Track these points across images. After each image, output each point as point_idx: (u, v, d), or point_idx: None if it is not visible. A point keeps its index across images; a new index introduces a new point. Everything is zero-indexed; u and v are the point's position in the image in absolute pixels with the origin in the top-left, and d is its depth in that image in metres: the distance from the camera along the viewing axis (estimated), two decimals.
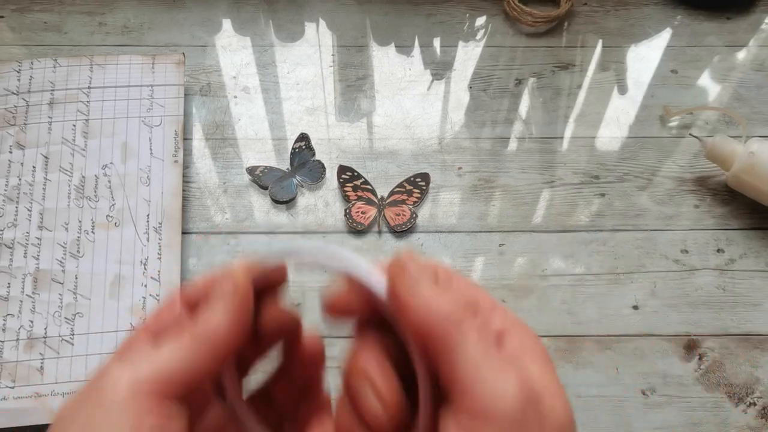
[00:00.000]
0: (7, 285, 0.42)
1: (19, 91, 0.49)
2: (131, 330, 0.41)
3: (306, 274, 0.45)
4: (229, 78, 0.55)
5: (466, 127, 0.53)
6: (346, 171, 0.49)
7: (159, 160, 0.47)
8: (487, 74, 0.56)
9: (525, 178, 0.50)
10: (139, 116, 0.49)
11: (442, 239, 0.47)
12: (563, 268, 0.46)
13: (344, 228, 0.47)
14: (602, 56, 0.57)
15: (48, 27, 0.57)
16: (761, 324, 0.44)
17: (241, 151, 0.51)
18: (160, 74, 0.51)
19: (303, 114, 0.53)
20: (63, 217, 0.45)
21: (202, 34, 0.57)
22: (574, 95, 0.55)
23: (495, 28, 0.59)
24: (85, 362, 0.40)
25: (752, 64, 0.57)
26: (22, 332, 0.41)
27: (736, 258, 0.47)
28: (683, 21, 0.59)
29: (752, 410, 0.41)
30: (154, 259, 0.44)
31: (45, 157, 0.47)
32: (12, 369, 0.40)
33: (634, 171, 0.51)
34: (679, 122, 0.53)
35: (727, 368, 0.42)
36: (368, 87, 0.55)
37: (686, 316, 0.44)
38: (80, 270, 0.43)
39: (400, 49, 0.57)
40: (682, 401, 0.41)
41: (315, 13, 0.59)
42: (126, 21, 0.58)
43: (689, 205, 0.49)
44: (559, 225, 0.48)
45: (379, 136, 0.52)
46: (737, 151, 0.46)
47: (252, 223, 0.47)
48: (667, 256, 0.47)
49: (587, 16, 0.60)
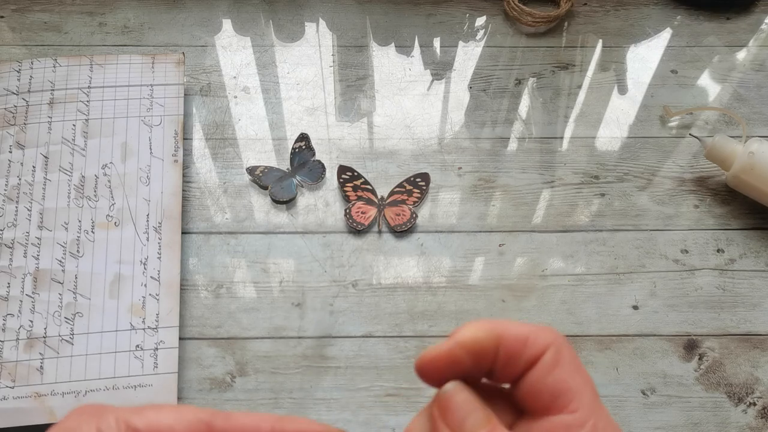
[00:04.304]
0: (7, 285, 0.42)
1: (19, 91, 0.49)
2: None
3: (306, 274, 0.45)
4: (229, 78, 0.55)
5: (466, 127, 0.53)
6: (346, 171, 0.49)
7: (159, 160, 0.47)
8: (487, 74, 0.56)
9: (525, 178, 0.50)
10: (139, 116, 0.49)
11: (442, 239, 0.47)
12: (563, 268, 0.46)
13: (344, 228, 0.47)
14: (602, 56, 0.57)
15: (48, 27, 0.57)
16: (761, 324, 0.44)
17: (241, 151, 0.51)
18: (160, 74, 0.51)
19: (303, 114, 0.53)
20: (63, 216, 0.45)
21: (202, 34, 0.57)
22: (574, 95, 0.55)
23: (495, 28, 0.59)
24: (84, 362, 0.40)
25: (752, 64, 0.57)
26: (21, 332, 0.41)
27: (736, 258, 0.47)
28: (683, 21, 0.59)
29: (752, 410, 0.41)
30: (154, 258, 0.44)
31: (45, 157, 0.47)
32: (12, 369, 0.40)
33: (634, 171, 0.51)
34: (679, 122, 0.53)
35: (727, 368, 0.42)
36: (368, 87, 0.55)
37: (686, 316, 0.44)
38: (80, 270, 0.43)
39: (400, 49, 0.57)
40: (682, 401, 0.41)
41: (315, 13, 0.59)
42: (126, 21, 0.58)
43: (689, 205, 0.49)
44: (559, 225, 0.48)
45: (379, 136, 0.52)
46: (737, 151, 0.46)
47: (252, 223, 0.47)
48: (667, 256, 0.47)
49: (587, 16, 0.60)
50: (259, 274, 0.45)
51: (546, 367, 0.18)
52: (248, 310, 0.44)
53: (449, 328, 0.43)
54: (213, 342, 0.43)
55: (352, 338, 0.43)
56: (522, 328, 0.19)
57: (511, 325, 0.19)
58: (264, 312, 0.44)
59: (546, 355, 0.18)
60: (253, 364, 0.42)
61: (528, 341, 0.18)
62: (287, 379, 0.42)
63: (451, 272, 0.46)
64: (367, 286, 0.45)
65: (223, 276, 0.45)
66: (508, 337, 0.19)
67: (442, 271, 0.46)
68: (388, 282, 0.45)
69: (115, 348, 0.41)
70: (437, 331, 0.43)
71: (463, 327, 0.19)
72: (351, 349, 0.43)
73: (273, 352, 0.42)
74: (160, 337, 0.41)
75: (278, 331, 0.43)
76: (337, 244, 0.47)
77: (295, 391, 0.41)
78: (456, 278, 0.45)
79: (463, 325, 0.19)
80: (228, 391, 0.41)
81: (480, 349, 0.19)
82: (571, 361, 0.19)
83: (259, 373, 0.42)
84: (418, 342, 0.43)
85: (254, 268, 0.46)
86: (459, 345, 0.19)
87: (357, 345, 0.43)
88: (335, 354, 0.43)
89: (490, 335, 0.19)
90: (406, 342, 0.43)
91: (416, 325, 0.44)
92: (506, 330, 0.19)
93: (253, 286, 0.45)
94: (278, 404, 0.41)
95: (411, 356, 0.43)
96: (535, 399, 0.18)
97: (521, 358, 0.18)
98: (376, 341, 0.43)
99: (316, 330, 0.43)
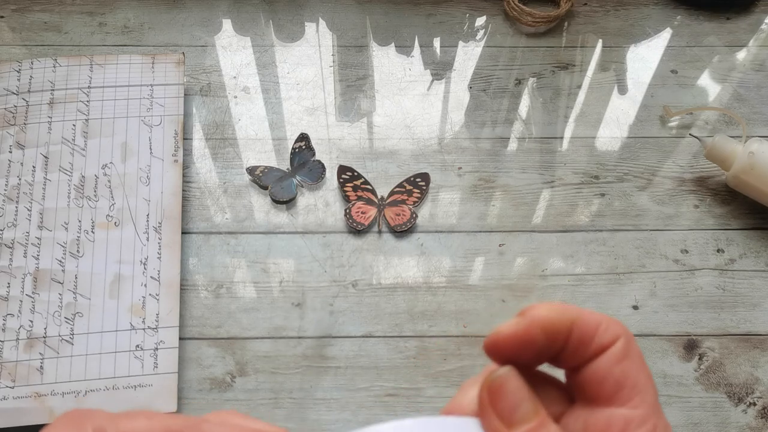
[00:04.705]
0: (7, 285, 0.42)
1: (19, 91, 0.49)
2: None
3: (306, 274, 0.45)
4: (229, 78, 0.55)
5: (466, 127, 0.53)
6: (346, 171, 0.49)
7: (159, 160, 0.47)
8: (487, 74, 0.56)
9: (525, 178, 0.50)
10: (138, 116, 0.49)
11: (442, 239, 0.47)
12: (563, 268, 0.46)
13: (344, 228, 0.47)
14: (602, 56, 0.57)
15: (48, 27, 0.57)
16: (761, 324, 0.44)
17: (241, 151, 0.51)
18: (160, 74, 0.51)
19: (303, 114, 0.53)
20: (63, 216, 0.45)
21: (202, 34, 0.57)
22: (574, 95, 0.55)
23: (495, 28, 0.59)
24: (84, 362, 0.40)
25: (752, 64, 0.57)
26: (21, 332, 0.41)
27: (736, 258, 0.47)
28: (683, 21, 0.59)
29: (752, 410, 0.41)
30: (154, 258, 0.44)
31: (45, 157, 0.47)
32: (12, 369, 0.40)
33: (634, 171, 0.51)
34: (679, 122, 0.53)
35: (727, 368, 0.42)
36: (368, 87, 0.55)
37: (686, 316, 0.44)
38: (80, 270, 0.43)
39: (400, 49, 0.57)
40: (682, 401, 0.41)
41: (315, 13, 0.59)
42: (126, 21, 0.58)
43: (689, 205, 0.49)
44: (559, 225, 0.48)
45: (379, 136, 0.52)
46: (737, 151, 0.46)
47: (252, 223, 0.47)
48: (667, 256, 0.47)
49: (587, 16, 0.60)
50: (259, 274, 0.45)
51: (615, 357, 0.18)
52: (248, 310, 0.44)
53: (449, 328, 0.43)
54: (213, 342, 0.43)
55: (352, 338, 0.43)
56: (594, 315, 0.18)
57: (584, 311, 0.19)
58: (264, 312, 0.44)
59: (617, 344, 0.18)
60: (253, 364, 0.42)
61: (600, 328, 0.18)
62: (287, 379, 0.42)
63: (451, 272, 0.46)
64: (367, 286, 0.45)
65: (223, 276, 0.45)
66: (582, 321, 0.18)
67: (442, 271, 0.46)
68: (388, 282, 0.45)
69: (115, 348, 0.41)
70: (437, 331, 0.43)
71: (536, 307, 0.18)
72: (351, 349, 0.43)
73: (273, 352, 0.43)
74: (160, 337, 0.41)
75: (278, 331, 0.43)
76: (337, 244, 0.47)
77: (295, 391, 0.41)
78: (456, 278, 0.45)
79: (533, 305, 0.19)
80: (228, 391, 0.41)
81: (555, 329, 0.18)
82: (639, 356, 0.18)
83: (259, 373, 0.42)
84: (418, 342, 0.43)
85: (254, 268, 0.46)
86: (535, 324, 0.18)
87: (357, 345, 0.43)
88: (335, 354, 0.43)
89: (566, 317, 0.18)
90: (406, 342, 0.43)
91: (416, 325, 0.44)
92: (580, 314, 0.18)
93: (253, 286, 0.45)
94: (278, 404, 0.41)
95: (411, 356, 0.43)
96: (598, 388, 0.18)
97: (592, 344, 0.18)
98: (376, 341, 0.43)
99: (316, 330, 0.43)
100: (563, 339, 0.18)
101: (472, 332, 0.43)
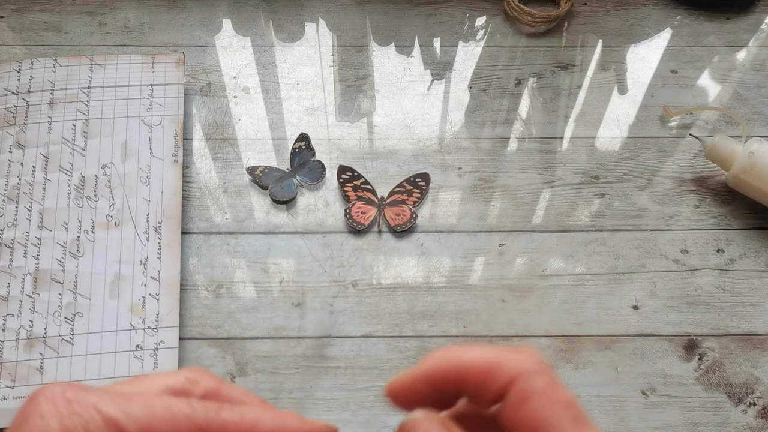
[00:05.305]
0: (7, 285, 0.42)
1: (19, 91, 0.49)
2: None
3: (306, 274, 0.45)
4: (229, 78, 0.55)
5: (466, 127, 0.53)
6: (346, 171, 0.49)
7: (159, 160, 0.47)
8: (487, 74, 0.56)
9: (525, 178, 0.50)
10: (138, 116, 0.49)
11: (442, 239, 0.47)
12: (563, 268, 0.46)
13: (344, 228, 0.47)
14: (602, 56, 0.57)
15: (48, 27, 0.57)
16: (761, 324, 0.44)
17: (241, 151, 0.51)
18: (160, 73, 0.51)
19: (303, 114, 0.53)
20: (63, 216, 0.45)
21: (202, 34, 0.57)
22: (574, 95, 0.55)
23: (495, 28, 0.59)
24: (84, 362, 0.40)
25: (752, 64, 0.57)
26: (21, 332, 0.41)
27: (736, 258, 0.47)
28: (683, 21, 0.59)
29: (752, 410, 0.41)
30: (154, 258, 0.44)
31: (45, 157, 0.47)
32: (12, 369, 0.40)
33: (634, 171, 0.51)
34: (679, 122, 0.53)
35: (727, 368, 0.42)
36: (368, 87, 0.55)
37: (686, 316, 0.44)
38: (80, 270, 0.43)
39: (400, 49, 0.57)
40: (682, 401, 0.41)
41: (315, 13, 0.59)
42: (126, 21, 0.58)
43: (689, 205, 0.49)
44: (559, 225, 0.48)
45: (379, 136, 0.52)
46: (737, 151, 0.46)
47: (252, 223, 0.47)
48: (667, 256, 0.47)
49: (587, 16, 0.60)
50: (259, 274, 0.45)
51: (515, 402, 0.17)
52: (248, 310, 0.44)
53: (449, 328, 0.43)
54: (213, 342, 0.43)
55: (352, 338, 0.43)
56: (488, 357, 0.18)
57: (477, 355, 0.18)
58: (264, 312, 0.44)
59: (514, 388, 0.17)
60: (253, 364, 0.42)
61: (493, 373, 0.18)
62: (287, 379, 0.42)
63: (451, 272, 0.46)
64: (367, 286, 0.45)
65: (223, 276, 0.45)
66: (471, 369, 0.18)
67: (442, 271, 0.46)
68: (388, 282, 0.45)
69: (115, 348, 0.41)
70: (437, 331, 0.43)
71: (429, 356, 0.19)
72: (351, 349, 0.43)
73: (273, 352, 0.43)
74: (160, 337, 0.41)
75: (278, 331, 0.43)
76: (337, 244, 0.47)
77: (295, 391, 0.41)
78: (456, 278, 0.45)
79: (430, 353, 0.19)
80: None
81: (441, 381, 0.18)
82: (544, 391, 0.17)
83: (259, 373, 0.42)
84: (418, 342, 0.43)
85: (254, 268, 0.46)
86: (420, 378, 0.18)
87: (357, 345, 0.43)
88: (335, 354, 0.43)
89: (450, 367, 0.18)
90: (406, 342, 0.43)
91: (416, 325, 0.44)
92: (470, 361, 0.18)
93: (253, 286, 0.45)
94: (278, 404, 0.41)
95: (411, 356, 0.43)
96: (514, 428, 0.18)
97: (487, 391, 0.18)
98: (376, 341, 0.43)
99: (316, 330, 0.43)
100: (454, 388, 0.18)
101: (472, 332, 0.43)
